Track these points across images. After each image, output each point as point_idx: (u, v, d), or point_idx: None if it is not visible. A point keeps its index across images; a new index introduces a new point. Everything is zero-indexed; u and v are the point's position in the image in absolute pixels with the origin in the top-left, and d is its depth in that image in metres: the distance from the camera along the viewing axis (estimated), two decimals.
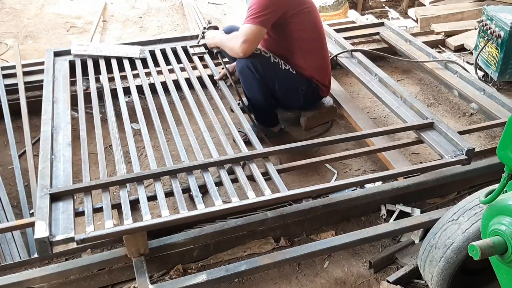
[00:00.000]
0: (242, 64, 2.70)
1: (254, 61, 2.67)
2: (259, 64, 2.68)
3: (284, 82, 2.79)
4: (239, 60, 2.71)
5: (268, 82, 2.74)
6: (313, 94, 2.95)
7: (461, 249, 1.68)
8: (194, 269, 2.15)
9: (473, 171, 2.49)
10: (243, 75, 2.73)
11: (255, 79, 2.69)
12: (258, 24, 2.58)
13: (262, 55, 2.71)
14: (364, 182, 2.32)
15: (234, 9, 5.37)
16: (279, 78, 2.76)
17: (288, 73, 2.79)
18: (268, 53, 2.75)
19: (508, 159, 1.49)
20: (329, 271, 2.17)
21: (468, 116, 3.29)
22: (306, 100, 2.96)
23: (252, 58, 2.67)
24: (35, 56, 4.00)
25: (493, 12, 3.48)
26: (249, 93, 2.81)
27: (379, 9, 5.42)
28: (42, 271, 1.98)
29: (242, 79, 2.77)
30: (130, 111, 2.67)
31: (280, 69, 2.76)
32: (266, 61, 2.72)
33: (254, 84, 2.72)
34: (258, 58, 2.69)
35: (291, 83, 2.82)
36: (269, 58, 2.73)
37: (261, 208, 2.30)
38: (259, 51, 2.71)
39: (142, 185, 2.11)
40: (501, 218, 1.42)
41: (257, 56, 2.69)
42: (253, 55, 2.67)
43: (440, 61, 3.39)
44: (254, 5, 2.60)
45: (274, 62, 2.74)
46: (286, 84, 2.80)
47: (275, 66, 2.75)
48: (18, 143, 2.83)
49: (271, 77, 2.73)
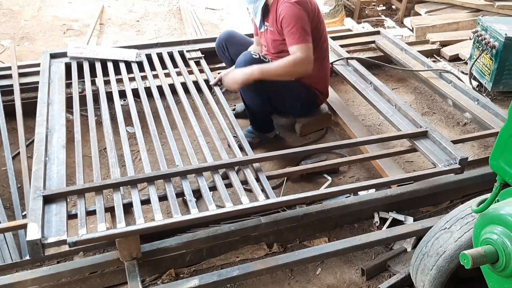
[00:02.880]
0: (241, 67, 2.66)
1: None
2: None
3: (283, 90, 2.77)
4: (239, 64, 2.66)
5: (267, 89, 2.71)
6: (311, 102, 2.96)
7: (453, 257, 1.69)
8: (187, 274, 2.14)
9: (466, 180, 2.50)
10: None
11: (254, 86, 2.67)
12: (307, 42, 2.57)
13: (261, 60, 2.68)
14: (357, 189, 2.33)
15: (231, 14, 5.39)
16: (278, 85, 2.73)
17: (287, 81, 2.75)
18: (267, 59, 2.72)
19: (500, 169, 1.50)
20: (322, 278, 2.17)
21: (462, 125, 3.31)
22: (304, 107, 2.97)
23: (251, 63, 2.63)
24: (31, 58, 3.99)
25: (488, 23, 3.51)
26: (247, 99, 2.79)
27: (375, 18, 5.45)
28: (33, 273, 1.97)
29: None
30: (125, 114, 2.67)
31: None
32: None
33: (253, 91, 2.71)
34: (257, 62, 2.64)
35: (290, 91, 2.81)
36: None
37: (254, 213, 2.30)
38: (258, 55, 2.68)
39: (136, 189, 2.11)
40: (493, 228, 1.43)
41: (257, 61, 2.65)
42: (252, 59, 2.63)
43: (435, 71, 3.41)
44: (293, 26, 2.55)
45: None
46: (285, 92, 2.79)
47: None
48: (12, 144, 2.81)
49: (271, 84, 2.69)
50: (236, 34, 3.11)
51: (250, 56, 2.65)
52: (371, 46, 4.03)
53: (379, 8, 5.73)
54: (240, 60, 2.67)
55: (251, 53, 2.68)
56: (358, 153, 2.81)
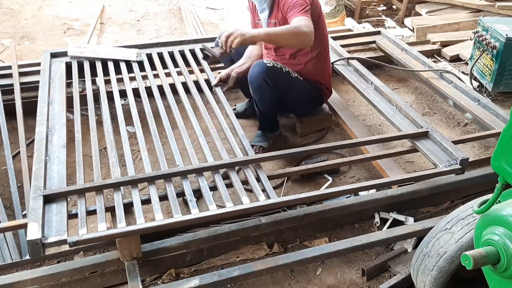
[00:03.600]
0: (258, 77, 2.66)
1: (270, 75, 2.65)
2: (275, 76, 2.67)
3: (295, 90, 2.82)
4: (255, 74, 2.67)
5: (281, 92, 2.75)
6: (319, 98, 3.03)
7: (454, 258, 1.69)
8: (187, 274, 2.14)
9: (467, 180, 2.50)
10: (258, 87, 2.70)
11: (269, 90, 2.69)
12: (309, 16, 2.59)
13: (275, 67, 2.69)
14: (358, 189, 2.33)
15: (232, 14, 5.38)
16: (291, 87, 2.79)
17: (297, 81, 2.83)
18: (279, 64, 2.74)
19: (502, 169, 1.50)
20: (322, 278, 2.17)
21: (462, 126, 3.31)
22: (312, 104, 3.05)
23: (268, 72, 2.65)
24: (32, 57, 3.99)
25: (489, 23, 3.51)
26: (260, 101, 2.80)
27: (376, 18, 5.45)
28: (33, 273, 1.97)
29: (255, 89, 2.72)
30: (125, 114, 2.67)
31: (292, 78, 2.80)
32: (280, 72, 2.72)
33: (268, 95, 2.73)
34: (273, 70, 2.67)
35: (301, 90, 2.87)
36: (281, 69, 2.73)
37: (255, 213, 2.30)
38: (271, 63, 2.69)
39: (136, 189, 2.10)
40: (494, 228, 1.43)
41: (272, 69, 2.67)
42: (267, 67, 2.65)
43: (435, 71, 3.41)
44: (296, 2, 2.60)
45: (286, 71, 2.76)
46: (296, 92, 2.84)
47: (287, 76, 2.77)
48: (12, 143, 2.81)
49: (284, 87, 2.75)
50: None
51: (264, 65, 2.66)
52: (371, 46, 4.03)
53: (379, 8, 5.73)
54: (254, 71, 2.68)
55: (264, 61, 2.70)
56: (358, 153, 2.81)
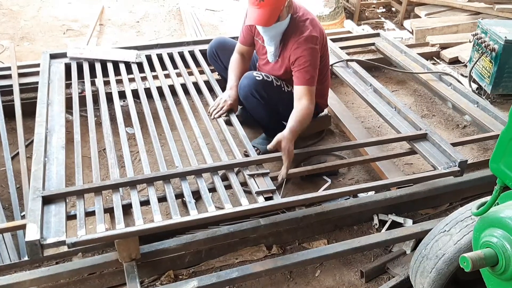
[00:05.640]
0: (246, 92, 2.64)
1: (258, 88, 2.61)
2: (263, 90, 2.62)
3: (288, 103, 2.70)
4: (243, 87, 2.64)
5: (272, 105, 2.70)
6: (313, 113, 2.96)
7: (453, 260, 1.69)
8: (186, 275, 2.14)
9: (465, 182, 2.51)
10: (248, 101, 2.68)
11: (260, 104, 2.66)
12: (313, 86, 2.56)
13: (265, 80, 2.64)
14: (357, 191, 2.33)
15: (231, 16, 5.39)
16: (283, 100, 2.70)
17: (291, 95, 2.67)
18: (270, 77, 2.68)
19: (500, 172, 1.50)
20: (321, 280, 2.17)
21: (461, 128, 3.31)
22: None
23: (256, 85, 2.61)
24: (31, 58, 3.99)
25: (488, 25, 3.52)
26: (255, 115, 2.79)
27: (375, 20, 5.46)
28: (32, 274, 1.97)
29: (247, 104, 2.71)
30: (125, 115, 2.67)
31: (283, 92, 2.71)
32: (269, 86, 2.66)
33: (260, 108, 2.70)
34: (262, 83, 2.63)
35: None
36: (272, 82, 2.67)
37: (254, 215, 2.29)
38: (261, 76, 2.64)
39: (135, 190, 2.10)
40: (493, 231, 1.43)
41: (260, 82, 2.62)
42: (256, 81, 2.61)
43: (434, 73, 3.42)
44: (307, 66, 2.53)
45: (277, 85, 2.69)
46: (290, 105, 2.76)
47: (279, 89, 2.70)
48: (11, 144, 2.81)
49: (275, 100, 2.69)
50: (227, 40, 3.07)
51: (253, 79, 2.62)
52: (371, 48, 4.04)
53: (379, 10, 5.74)
54: (243, 84, 2.64)
55: (253, 74, 2.64)
56: (357, 155, 2.81)
